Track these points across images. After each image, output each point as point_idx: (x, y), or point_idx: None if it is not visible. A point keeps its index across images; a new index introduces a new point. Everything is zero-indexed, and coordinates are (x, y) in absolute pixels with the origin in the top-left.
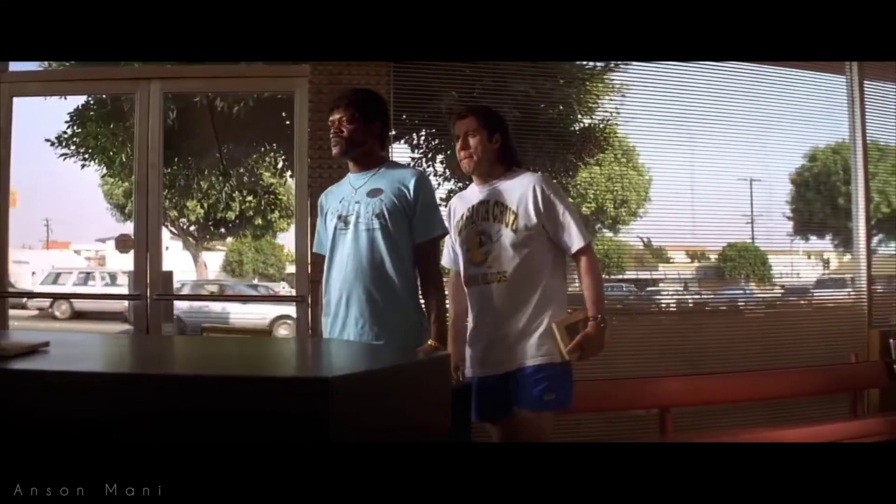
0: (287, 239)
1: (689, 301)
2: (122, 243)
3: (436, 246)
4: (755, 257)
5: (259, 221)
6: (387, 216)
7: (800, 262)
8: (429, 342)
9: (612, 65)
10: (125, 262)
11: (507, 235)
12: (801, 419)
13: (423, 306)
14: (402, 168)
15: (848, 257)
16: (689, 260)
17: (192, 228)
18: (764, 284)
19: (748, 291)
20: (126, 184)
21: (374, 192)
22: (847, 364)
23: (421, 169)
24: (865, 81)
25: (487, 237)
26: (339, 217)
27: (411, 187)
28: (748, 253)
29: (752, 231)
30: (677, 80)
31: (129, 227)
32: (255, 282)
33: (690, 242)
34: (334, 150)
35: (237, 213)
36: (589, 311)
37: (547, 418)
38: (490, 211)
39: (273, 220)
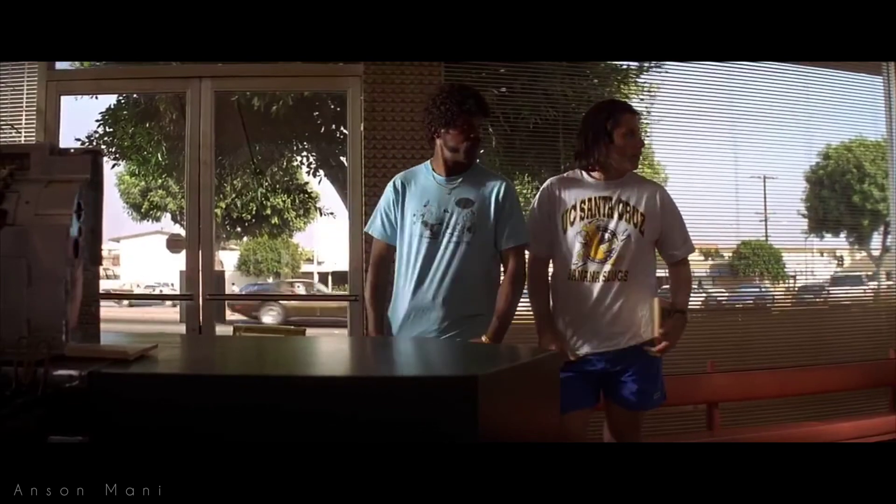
0: (302, 238)
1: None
2: (173, 243)
3: (522, 252)
4: (770, 254)
5: (276, 220)
6: (477, 229)
7: (824, 260)
8: (482, 338)
9: (646, 66)
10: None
11: (633, 235)
12: (843, 414)
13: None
14: (489, 174)
15: (880, 254)
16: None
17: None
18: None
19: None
20: (143, 183)
21: (465, 203)
22: (887, 360)
23: (506, 178)
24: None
25: (612, 234)
26: (426, 224)
27: (501, 196)
28: (762, 250)
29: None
30: (694, 80)
31: (144, 227)
32: (270, 280)
33: (707, 240)
34: (471, 157)
35: (269, 211)
36: (681, 306)
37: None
38: (614, 208)
39: (290, 218)
